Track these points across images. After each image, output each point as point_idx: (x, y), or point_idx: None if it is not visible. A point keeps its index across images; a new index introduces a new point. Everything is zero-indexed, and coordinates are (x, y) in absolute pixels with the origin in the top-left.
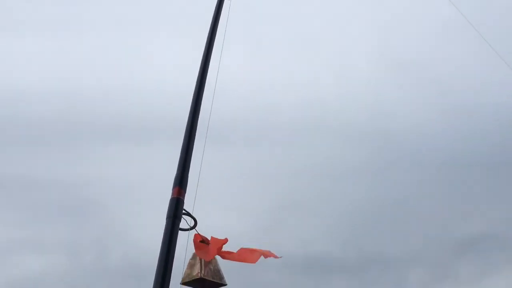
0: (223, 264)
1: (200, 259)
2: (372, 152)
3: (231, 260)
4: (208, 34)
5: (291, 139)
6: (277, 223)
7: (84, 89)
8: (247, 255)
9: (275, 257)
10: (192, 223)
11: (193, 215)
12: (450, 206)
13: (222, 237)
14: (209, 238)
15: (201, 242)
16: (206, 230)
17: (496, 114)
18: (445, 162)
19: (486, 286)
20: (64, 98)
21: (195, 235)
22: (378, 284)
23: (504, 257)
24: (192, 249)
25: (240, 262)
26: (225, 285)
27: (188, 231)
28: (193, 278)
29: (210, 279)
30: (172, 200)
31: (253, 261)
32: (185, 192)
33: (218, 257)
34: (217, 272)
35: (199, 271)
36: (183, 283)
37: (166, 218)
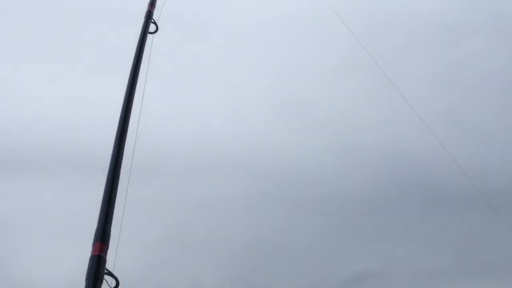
0: None
1: None
2: (261, 190)
3: None
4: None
5: (186, 175)
6: (167, 259)
7: None
8: None
9: None
10: (114, 284)
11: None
12: (336, 244)
13: None
14: None
15: None
16: None
17: (385, 152)
18: (331, 200)
19: None
20: None
21: None
22: None
23: None
24: None
25: None
26: None
27: None
28: None
29: None
30: (92, 258)
31: None
32: (107, 248)
33: None
34: None
35: None
36: None
37: (86, 279)
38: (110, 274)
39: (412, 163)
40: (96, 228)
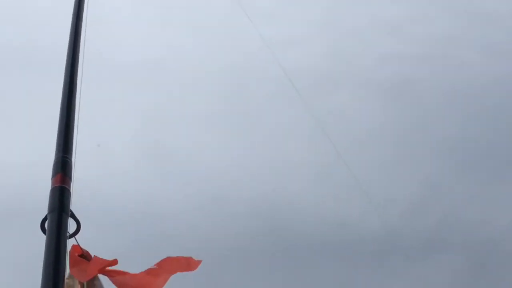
0: None
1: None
2: (134, 237)
3: (121, 284)
4: None
5: None
6: None
7: None
8: (149, 280)
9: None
10: (74, 228)
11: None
12: None
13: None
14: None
15: (81, 257)
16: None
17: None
18: (197, 250)
19: None
20: None
21: (73, 246)
22: None
23: None
24: None
25: None
26: None
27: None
28: None
29: None
30: (54, 190)
31: (159, 286)
32: (70, 180)
33: (104, 278)
34: None
35: None
36: None
37: (48, 213)
38: (72, 215)
39: (282, 216)
40: (55, 159)
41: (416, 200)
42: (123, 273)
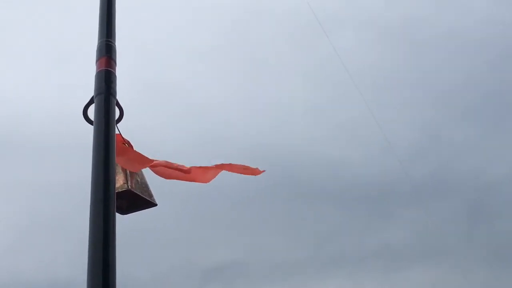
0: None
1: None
2: None
3: (164, 174)
4: None
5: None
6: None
7: None
8: (196, 172)
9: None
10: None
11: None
12: (195, 234)
13: None
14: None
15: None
16: None
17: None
18: (194, 188)
19: None
20: None
21: (117, 135)
22: None
23: (247, 282)
24: None
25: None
26: (155, 205)
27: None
28: (117, 191)
29: (139, 193)
30: (100, 73)
31: (206, 180)
32: (115, 65)
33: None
34: (146, 188)
35: (124, 181)
36: None
37: (95, 96)
38: (116, 102)
39: (281, 157)
40: (98, 43)
41: (416, 146)
42: (166, 164)
